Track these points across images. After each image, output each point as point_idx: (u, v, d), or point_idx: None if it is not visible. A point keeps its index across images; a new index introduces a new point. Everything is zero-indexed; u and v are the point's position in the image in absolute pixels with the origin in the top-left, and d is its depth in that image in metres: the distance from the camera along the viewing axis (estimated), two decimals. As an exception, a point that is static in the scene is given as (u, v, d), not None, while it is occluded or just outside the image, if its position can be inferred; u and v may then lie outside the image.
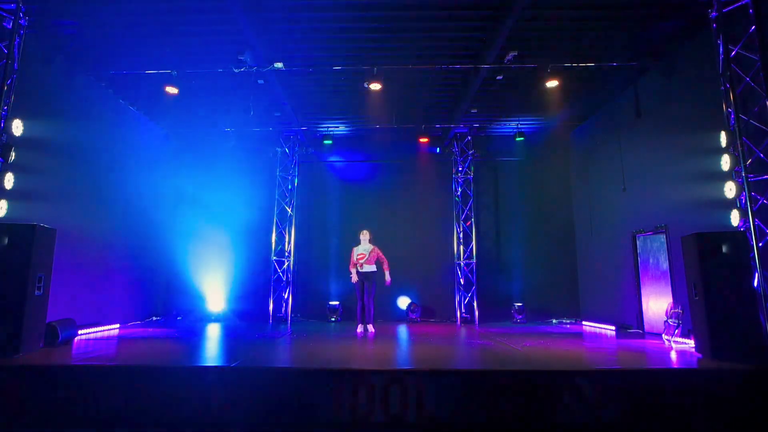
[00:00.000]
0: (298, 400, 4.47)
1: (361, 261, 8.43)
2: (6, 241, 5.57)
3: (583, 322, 10.04)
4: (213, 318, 10.55)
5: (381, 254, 8.57)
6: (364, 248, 8.53)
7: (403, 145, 11.55)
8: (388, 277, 8.53)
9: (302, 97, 9.68)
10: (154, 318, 10.42)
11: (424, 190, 11.62)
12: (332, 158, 11.74)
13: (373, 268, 8.49)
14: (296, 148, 11.47)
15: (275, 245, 11.02)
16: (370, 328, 8.44)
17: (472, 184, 11.11)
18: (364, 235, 8.65)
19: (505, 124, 10.46)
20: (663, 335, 6.87)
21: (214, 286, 11.08)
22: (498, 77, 8.23)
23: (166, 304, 11.05)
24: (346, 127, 10.58)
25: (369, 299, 8.43)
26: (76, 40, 7.09)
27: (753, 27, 5.62)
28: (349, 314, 10.80)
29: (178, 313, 10.81)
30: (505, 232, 11.45)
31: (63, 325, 6.34)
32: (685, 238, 5.93)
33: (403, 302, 11.02)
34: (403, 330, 8.98)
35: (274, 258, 10.92)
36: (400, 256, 11.19)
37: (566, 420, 4.37)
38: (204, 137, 11.23)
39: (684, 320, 6.50)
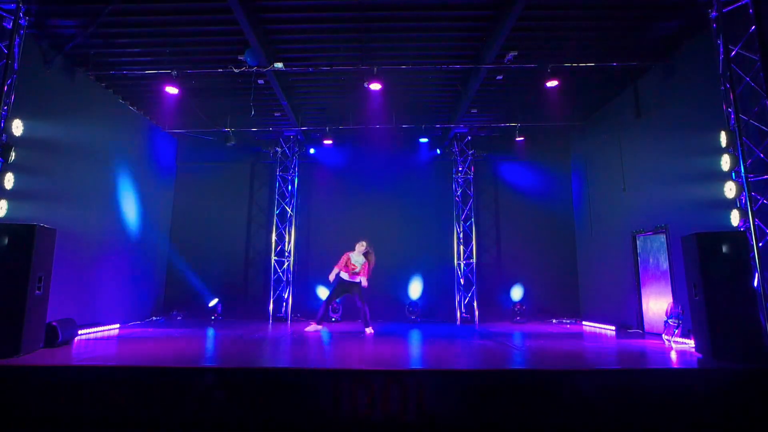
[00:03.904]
0: (298, 400, 4.47)
1: (354, 271, 8.30)
2: (6, 241, 5.57)
3: (583, 322, 10.03)
4: (213, 317, 10.54)
5: (370, 267, 8.38)
6: (357, 260, 8.34)
7: (403, 145, 11.55)
8: (365, 282, 8.31)
9: (302, 97, 9.69)
10: (154, 318, 10.41)
11: (424, 190, 11.63)
12: (332, 158, 11.73)
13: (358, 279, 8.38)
14: (296, 148, 11.47)
15: (275, 245, 11.02)
16: (370, 330, 8.29)
17: (472, 184, 11.10)
18: (361, 246, 8.43)
19: (505, 124, 10.45)
20: (663, 335, 6.87)
21: (214, 286, 11.08)
22: (498, 77, 8.24)
23: (166, 304, 11.05)
24: (346, 127, 10.58)
25: (363, 303, 8.29)
26: (76, 40, 7.08)
27: (753, 27, 5.62)
28: (349, 314, 10.79)
29: (177, 313, 10.80)
30: (505, 232, 11.45)
31: (63, 325, 6.34)
32: (685, 238, 5.93)
33: (403, 302, 11.01)
34: (403, 330, 8.97)
35: (274, 258, 10.92)
36: (400, 256, 11.24)
37: (566, 420, 4.37)
38: (204, 137, 11.23)
39: (684, 320, 6.50)
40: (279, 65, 7.68)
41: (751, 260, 5.38)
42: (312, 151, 11.63)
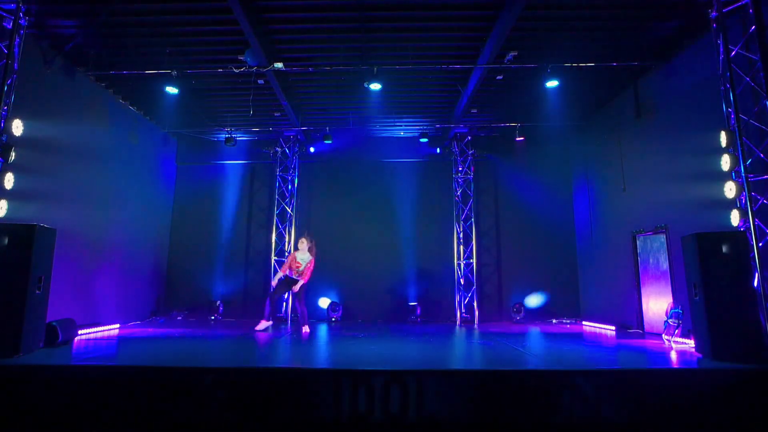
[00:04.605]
0: (297, 400, 4.47)
1: (298, 269, 8.18)
2: (6, 241, 5.56)
3: (583, 322, 10.04)
4: (213, 318, 10.53)
5: (311, 267, 8.26)
6: (302, 258, 8.25)
7: (403, 145, 11.55)
8: (297, 287, 8.12)
9: (302, 97, 9.69)
10: (154, 318, 10.41)
11: (424, 189, 11.62)
12: (332, 158, 11.73)
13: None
14: (296, 148, 11.47)
15: (275, 245, 11.02)
16: (306, 329, 8.20)
17: (472, 184, 11.11)
18: (303, 244, 8.37)
19: (505, 124, 10.46)
20: (663, 335, 6.87)
21: (215, 286, 11.08)
22: (498, 77, 8.24)
23: (166, 304, 11.05)
24: (346, 126, 10.59)
25: (301, 303, 8.21)
26: (76, 40, 7.08)
27: (753, 27, 5.62)
28: (348, 314, 10.81)
29: (177, 313, 10.80)
30: (505, 232, 11.45)
31: (63, 325, 6.34)
32: (685, 238, 5.93)
33: (403, 302, 11.01)
34: (403, 330, 8.97)
35: (274, 258, 10.92)
36: (400, 256, 11.24)
37: (566, 420, 4.37)
38: (204, 137, 11.23)
39: (684, 320, 6.50)
40: (279, 65, 7.67)
41: (751, 260, 5.38)
42: (312, 150, 11.63)
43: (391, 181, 11.61)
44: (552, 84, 7.92)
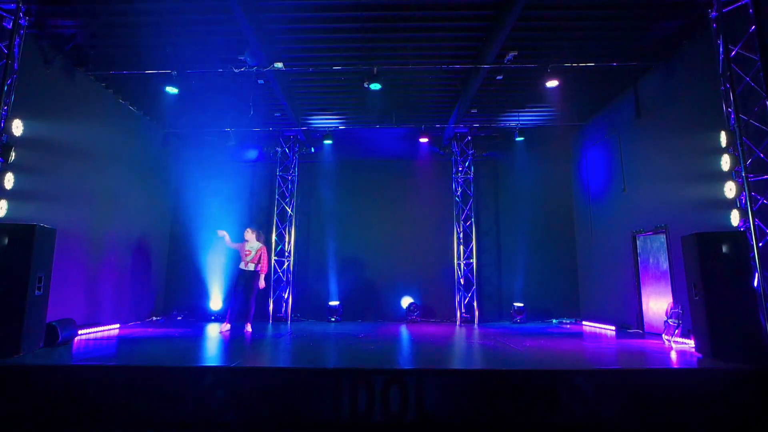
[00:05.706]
0: (298, 400, 4.47)
1: (246, 258, 8.14)
2: (6, 241, 5.57)
3: (583, 322, 10.04)
4: (213, 318, 10.53)
5: (265, 256, 8.24)
6: (251, 246, 8.21)
7: (403, 145, 11.55)
8: (262, 282, 8.17)
9: (302, 97, 9.69)
10: (154, 318, 10.41)
11: (424, 189, 11.62)
12: (332, 158, 11.73)
13: (253, 267, 8.19)
14: (296, 148, 11.48)
15: (275, 245, 11.02)
16: (248, 327, 8.17)
17: (472, 184, 11.11)
18: (248, 234, 8.30)
19: (505, 124, 10.47)
20: (663, 335, 6.87)
21: (214, 286, 11.08)
22: (498, 77, 8.24)
23: (166, 304, 11.05)
24: (346, 127, 10.60)
25: (252, 299, 8.15)
26: (76, 40, 7.09)
27: (753, 27, 5.62)
28: (349, 314, 10.81)
29: (178, 313, 10.81)
30: (505, 232, 11.46)
31: (63, 325, 6.34)
32: (685, 238, 5.93)
33: (404, 302, 11.02)
34: (403, 330, 8.98)
35: (275, 258, 10.92)
36: (400, 256, 11.26)
37: (566, 420, 4.37)
38: (204, 137, 11.24)
39: (684, 320, 6.50)
40: (279, 65, 7.67)
41: (751, 260, 5.38)
42: (312, 150, 11.63)
43: (391, 181, 11.62)
44: (552, 84, 7.91)
